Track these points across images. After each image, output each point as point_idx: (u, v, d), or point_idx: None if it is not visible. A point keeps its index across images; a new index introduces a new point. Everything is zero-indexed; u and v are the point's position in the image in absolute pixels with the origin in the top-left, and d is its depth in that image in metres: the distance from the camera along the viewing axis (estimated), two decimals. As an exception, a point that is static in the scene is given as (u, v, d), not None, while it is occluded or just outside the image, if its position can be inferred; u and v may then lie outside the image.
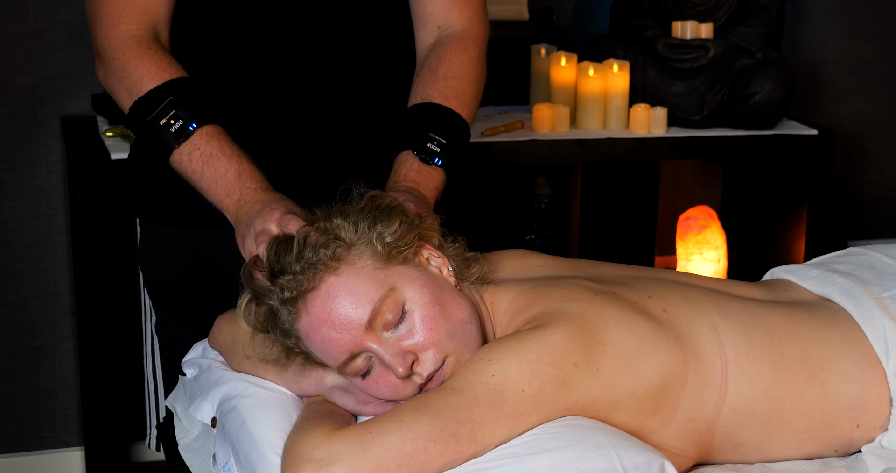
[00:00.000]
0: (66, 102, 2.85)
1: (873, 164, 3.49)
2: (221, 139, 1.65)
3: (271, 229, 1.51)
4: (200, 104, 1.66)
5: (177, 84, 1.66)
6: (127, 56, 1.69)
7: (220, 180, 1.62)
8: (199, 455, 1.68)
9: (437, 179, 1.70)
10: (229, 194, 1.61)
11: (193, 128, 1.64)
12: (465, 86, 1.76)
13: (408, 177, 1.67)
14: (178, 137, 1.64)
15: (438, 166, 1.70)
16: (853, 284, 1.65)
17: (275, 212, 1.53)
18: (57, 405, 3.00)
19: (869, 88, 3.43)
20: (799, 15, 3.31)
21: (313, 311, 1.43)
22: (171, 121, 1.64)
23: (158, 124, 1.65)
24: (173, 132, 1.64)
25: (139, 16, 1.71)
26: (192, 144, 1.64)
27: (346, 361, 1.44)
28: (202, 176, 1.63)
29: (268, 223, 1.52)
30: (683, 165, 3.31)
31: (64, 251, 2.92)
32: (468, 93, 1.76)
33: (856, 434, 1.56)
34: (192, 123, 1.64)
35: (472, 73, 1.78)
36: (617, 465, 1.34)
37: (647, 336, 1.46)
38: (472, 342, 1.47)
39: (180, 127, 1.64)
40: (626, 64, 2.87)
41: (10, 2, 2.77)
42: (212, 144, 1.64)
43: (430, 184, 1.68)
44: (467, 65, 1.78)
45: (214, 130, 1.65)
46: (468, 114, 1.76)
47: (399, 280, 1.45)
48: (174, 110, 1.64)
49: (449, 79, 1.76)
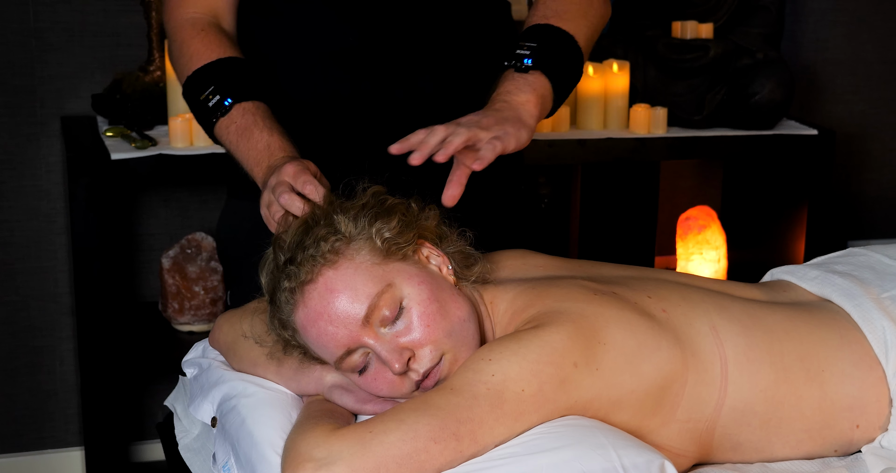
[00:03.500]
0: (66, 102, 2.85)
1: (873, 164, 3.49)
2: (257, 114, 1.70)
3: (286, 180, 1.55)
4: (241, 83, 1.73)
5: (220, 64, 1.74)
6: (182, 38, 1.79)
7: (251, 150, 1.68)
8: (199, 455, 1.68)
9: (534, 82, 1.62)
10: (259, 163, 1.66)
11: (229, 103, 1.71)
12: (567, 6, 1.71)
13: (500, 89, 1.62)
14: (215, 111, 1.72)
15: (531, 68, 1.63)
16: (853, 285, 1.65)
17: (289, 167, 1.56)
18: (57, 405, 3.00)
19: (869, 88, 3.43)
20: (799, 15, 3.31)
21: (310, 304, 1.44)
22: (209, 97, 1.72)
23: (199, 100, 1.74)
24: (211, 107, 1.72)
25: (199, 1, 1.82)
26: (230, 118, 1.71)
27: (343, 356, 1.44)
28: (237, 148, 1.70)
29: (282, 176, 1.56)
30: (683, 165, 3.31)
31: (64, 251, 2.92)
32: (570, 11, 1.71)
33: (855, 435, 1.56)
34: (227, 98, 1.71)
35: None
36: (617, 465, 1.34)
37: (646, 336, 1.46)
38: (470, 340, 1.47)
39: (217, 102, 1.72)
40: (626, 64, 2.87)
41: (10, 2, 2.78)
42: (247, 118, 1.70)
43: (526, 88, 1.61)
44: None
45: (252, 106, 1.71)
46: (572, 27, 1.69)
47: (397, 277, 1.45)
48: (213, 87, 1.72)
49: (547, 4, 1.72)
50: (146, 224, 2.97)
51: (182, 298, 2.80)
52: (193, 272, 2.81)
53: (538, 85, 1.62)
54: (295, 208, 1.51)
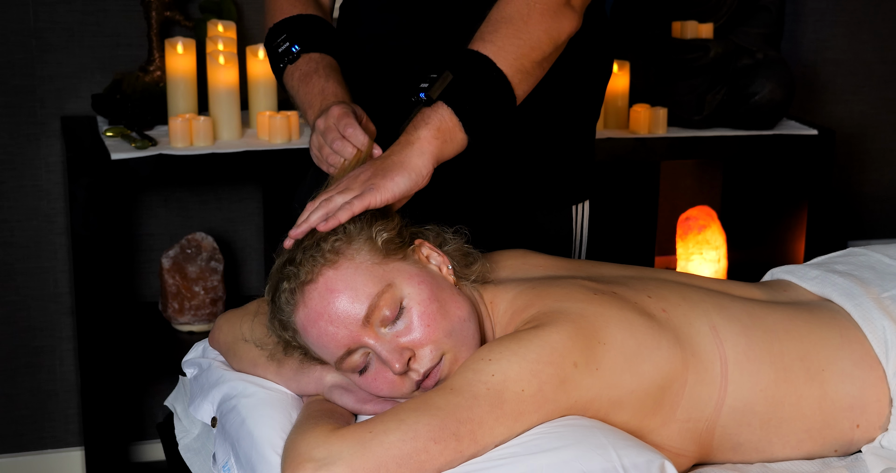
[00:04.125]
0: (66, 102, 2.85)
1: (873, 164, 3.49)
2: (321, 63, 1.76)
3: (333, 125, 1.59)
4: (311, 35, 1.80)
5: (297, 19, 1.82)
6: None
7: (308, 94, 1.73)
8: (199, 455, 1.68)
9: (432, 116, 1.55)
10: (312, 106, 1.71)
11: (296, 50, 1.78)
12: (493, 26, 1.63)
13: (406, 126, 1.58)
14: (283, 57, 1.79)
15: (427, 101, 1.56)
16: (853, 284, 1.65)
17: (335, 109, 1.61)
18: (57, 405, 3.00)
19: (869, 88, 3.43)
20: (799, 15, 3.31)
21: (311, 304, 1.44)
22: (280, 43, 1.80)
23: (272, 47, 1.81)
24: (280, 53, 1.79)
25: None
26: (296, 65, 1.77)
27: (343, 356, 1.44)
28: (298, 92, 1.76)
29: (329, 120, 1.60)
30: (683, 165, 3.31)
31: (64, 251, 2.92)
32: (498, 31, 1.62)
33: (856, 434, 1.56)
34: (295, 45, 1.78)
35: (506, 13, 1.63)
36: (617, 465, 1.34)
37: (646, 336, 1.46)
38: (470, 340, 1.47)
39: (286, 49, 1.79)
40: (626, 64, 2.87)
41: (10, 2, 2.77)
42: (310, 65, 1.76)
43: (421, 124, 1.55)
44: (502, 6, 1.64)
45: (318, 56, 1.77)
46: (493, 50, 1.59)
47: (397, 276, 1.45)
48: (285, 35, 1.80)
49: (481, 26, 1.65)
50: (146, 224, 2.97)
51: (182, 298, 2.80)
52: (193, 272, 2.81)
53: (435, 119, 1.55)
54: (347, 152, 1.56)
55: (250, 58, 2.71)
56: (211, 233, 2.96)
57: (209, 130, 2.61)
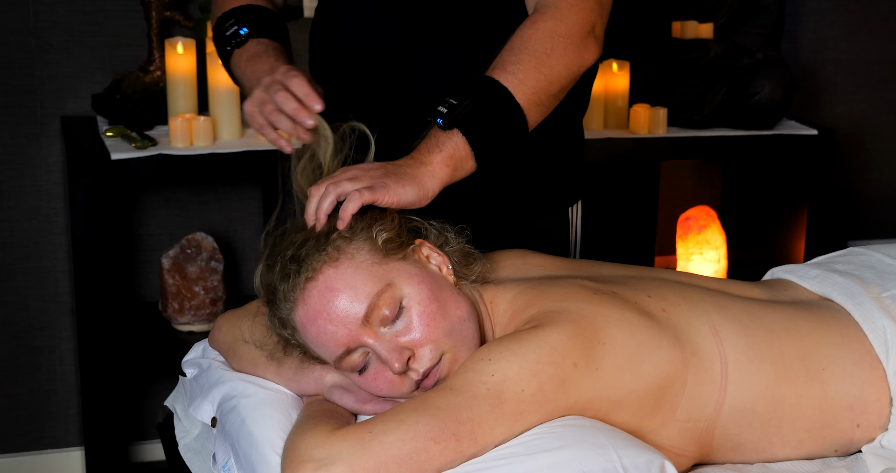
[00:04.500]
0: (66, 102, 2.85)
1: (873, 164, 3.49)
2: (270, 46, 1.75)
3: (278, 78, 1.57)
4: (260, 21, 1.78)
5: (247, 7, 1.80)
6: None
7: (256, 72, 1.69)
8: (199, 455, 1.68)
9: (446, 143, 1.55)
10: (259, 82, 1.65)
11: (244, 33, 1.76)
12: (517, 55, 1.62)
13: (418, 145, 1.57)
14: (231, 39, 1.77)
15: (442, 127, 1.56)
16: (853, 283, 1.65)
17: (280, 67, 1.60)
18: (57, 405, 3.00)
19: (869, 88, 3.43)
20: (799, 15, 3.31)
21: (310, 302, 1.44)
22: (228, 27, 1.78)
23: (219, 31, 1.79)
24: (227, 36, 1.77)
25: None
26: (245, 48, 1.75)
27: (342, 355, 1.44)
28: (244, 73, 1.73)
29: (276, 74, 1.58)
30: (683, 165, 3.31)
31: (64, 251, 2.92)
32: (521, 61, 1.61)
33: (856, 434, 1.56)
34: (243, 28, 1.76)
35: (531, 44, 1.62)
36: (617, 465, 1.34)
37: (646, 336, 1.46)
38: (470, 340, 1.47)
39: (233, 32, 1.77)
40: (626, 64, 2.87)
41: (10, 2, 2.78)
42: (259, 48, 1.74)
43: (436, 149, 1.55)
44: (528, 36, 1.64)
45: (266, 40, 1.76)
46: (513, 81, 1.59)
47: (397, 276, 1.45)
48: (233, 20, 1.78)
49: (502, 52, 1.64)
50: (146, 224, 2.97)
51: (182, 298, 2.80)
52: (193, 272, 2.81)
53: (449, 146, 1.55)
54: (289, 107, 1.52)
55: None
56: (211, 233, 2.96)
57: (209, 130, 2.61)
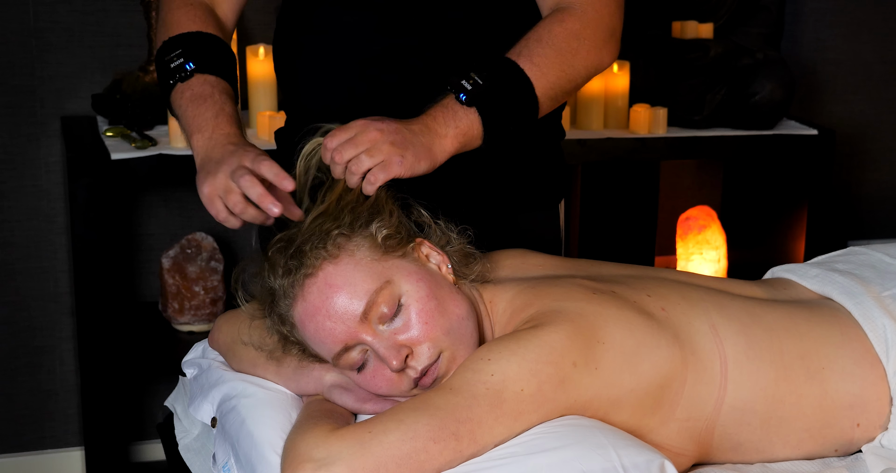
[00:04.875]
0: (66, 102, 2.85)
1: (873, 164, 3.49)
2: (216, 87, 1.65)
3: (246, 165, 1.49)
4: (209, 56, 1.69)
5: (196, 36, 1.70)
6: (169, 9, 1.76)
7: (198, 117, 1.62)
8: (199, 455, 1.68)
9: (463, 119, 1.56)
10: (201, 130, 1.60)
11: (190, 68, 1.65)
12: (544, 49, 1.63)
13: (433, 111, 1.57)
14: (175, 73, 1.66)
15: (463, 103, 1.57)
16: (854, 283, 1.65)
17: (249, 153, 1.51)
18: (57, 405, 3.00)
19: (869, 88, 3.43)
20: (799, 15, 3.31)
21: (309, 298, 1.44)
22: (174, 58, 1.67)
23: (164, 61, 1.68)
24: (172, 68, 1.67)
25: None
26: (188, 84, 1.65)
27: (341, 352, 1.44)
28: (185, 112, 1.63)
29: (244, 161, 1.50)
30: (683, 165, 3.31)
31: (64, 251, 2.92)
32: (546, 55, 1.63)
33: (856, 434, 1.56)
34: (189, 63, 1.66)
35: (558, 41, 1.64)
36: (617, 464, 1.34)
37: (645, 335, 1.46)
38: (469, 339, 1.47)
39: (179, 65, 1.66)
40: (626, 64, 2.87)
41: (10, 2, 2.78)
42: (205, 88, 1.64)
43: (452, 124, 1.56)
44: (556, 32, 1.64)
45: (213, 79, 1.66)
46: (536, 73, 1.61)
47: (396, 273, 1.45)
48: (180, 50, 1.67)
49: (529, 40, 1.65)
50: (146, 224, 2.97)
51: (182, 298, 2.80)
52: (193, 272, 2.81)
53: (465, 123, 1.57)
54: (255, 193, 1.45)
55: (250, 58, 2.71)
56: (211, 233, 2.96)
57: (209, 130, 2.61)
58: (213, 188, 1.51)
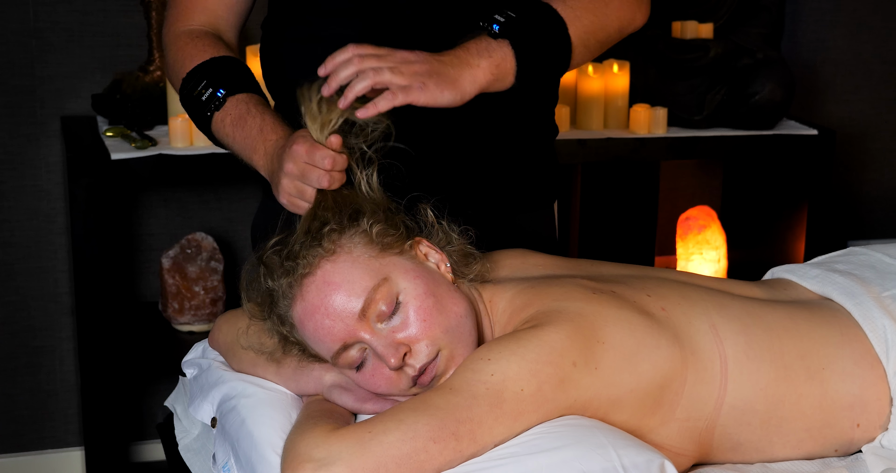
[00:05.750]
0: (66, 102, 2.85)
1: (873, 164, 3.49)
2: (250, 102, 1.66)
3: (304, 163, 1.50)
4: (233, 76, 1.69)
5: (213, 62, 1.70)
6: (177, 47, 1.76)
7: (247, 138, 1.64)
8: (199, 455, 1.68)
9: (497, 51, 1.55)
10: (255, 150, 1.63)
11: (222, 94, 1.67)
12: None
13: (466, 44, 1.56)
14: (209, 104, 1.68)
15: (498, 35, 1.55)
16: (853, 283, 1.65)
17: (297, 147, 1.51)
18: (57, 405, 3.00)
19: (869, 88, 3.43)
20: (799, 15, 3.31)
21: (308, 297, 1.44)
22: (202, 91, 1.68)
23: (193, 96, 1.69)
24: (204, 101, 1.68)
25: (198, 15, 1.78)
26: (225, 110, 1.67)
27: (339, 351, 1.44)
28: (234, 140, 1.66)
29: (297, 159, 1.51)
30: (683, 165, 3.32)
31: (64, 251, 2.92)
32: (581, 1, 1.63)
33: (856, 434, 1.56)
34: (220, 89, 1.67)
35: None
36: (616, 464, 1.34)
37: (645, 335, 1.46)
38: (468, 337, 1.47)
39: (210, 95, 1.67)
40: (626, 64, 2.87)
41: (10, 2, 2.78)
42: (240, 107, 1.66)
43: (485, 53, 1.54)
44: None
45: (245, 96, 1.67)
46: (569, 14, 1.61)
47: (393, 271, 1.45)
48: (205, 81, 1.68)
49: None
50: (146, 224, 2.97)
51: (182, 298, 2.80)
52: (193, 272, 2.81)
53: (499, 55, 1.55)
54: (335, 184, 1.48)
55: (250, 58, 2.71)
56: (211, 233, 2.96)
57: (209, 130, 2.61)
58: (286, 195, 1.53)
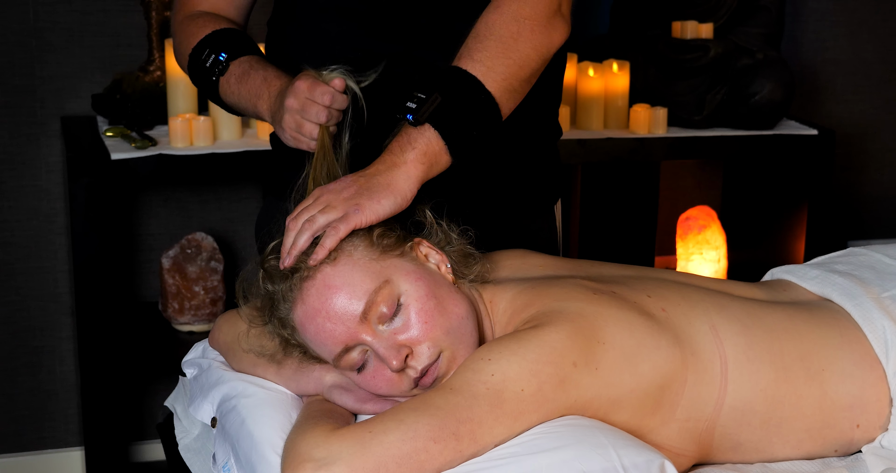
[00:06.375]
0: (66, 102, 2.85)
1: (873, 164, 3.49)
2: (252, 60, 1.72)
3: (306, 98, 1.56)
4: (235, 43, 1.75)
5: (215, 33, 1.76)
6: (181, 31, 1.82)
7: (252, 89, 1.68)
8: (199, 455, 1.68)
9: (419, 139, 1.53)
10: (260, 96, 1.67)
11: (224, 58, 1.73)
12: (483, 43, 1.59)
13: (389, 145, 1.55)
14: (213, 68, 1.73)
15: (412, 123, 1.53)
16: (853, 284, 1.65)
17: (300, 83, 1.57)
18: (57, 405, 3.00)
19: (869, 88, 3.43)
20: (799, 15, 3.31)
21: (308, 300, 1.44)
22: (206, 58, 1.74)
23: (198, 66, 1.75)
24: (209, 67, 1.74)
25: (203, 3, 1.84)
26: (230, 72, 1.73)
27: (341, 353, 1.44)
28: (240, 95, 1.71)
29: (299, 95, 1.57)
30: (683, 165, 3.32)
31: (64, 251, 2.92)
32: (488, 48, 1.58)
33: (856, 434, 1.56)
34: (222, 53, 1.73)
35: (497, 29, 1.59)
36: (617, 464, 1.34)
37: (645, 335, 1.46)
38: (468, 338, 1.47)
39: (213, 60, 1.73)
40: (626, 64, 2.87)
41: (10, 2, 2.78)
42: (243, 66, 1.72)
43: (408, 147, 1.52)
44: (493, 21, 1.60)
45: (247, 57, 1.73)
46: (481, 69, 1.56)
47: (394, 273, 1.45)
48: (207, 49, 1.75)
49: (468, 40, 1.61)
50: (146, 224, 2.97)
51: (182, 298, 2.80)
52: (193, 272, 2.81)
53: (422, 142, 1.52)
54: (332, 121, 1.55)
55: (250, 58, 2.71)
56: (211, 233, 2.96)
57: (209, 130, 2.61)
58: (288, 130, 1.59)
